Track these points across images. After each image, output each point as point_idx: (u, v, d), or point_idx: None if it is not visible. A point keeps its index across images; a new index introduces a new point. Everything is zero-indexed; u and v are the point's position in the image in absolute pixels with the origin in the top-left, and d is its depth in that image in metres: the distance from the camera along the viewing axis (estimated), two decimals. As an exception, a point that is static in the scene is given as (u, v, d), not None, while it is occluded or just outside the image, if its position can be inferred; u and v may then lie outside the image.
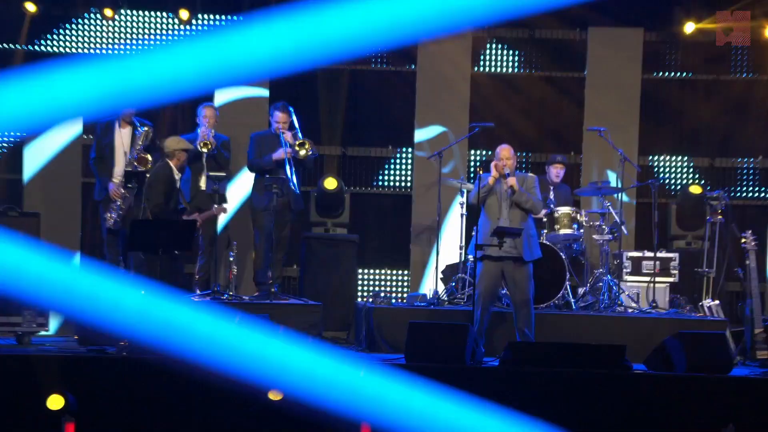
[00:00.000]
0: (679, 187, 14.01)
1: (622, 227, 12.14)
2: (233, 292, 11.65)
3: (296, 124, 11.71)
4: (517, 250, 10.28)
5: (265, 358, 8.17)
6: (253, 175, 12.00)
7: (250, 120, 12.89)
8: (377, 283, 14.03)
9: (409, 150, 13.92)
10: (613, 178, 13.01)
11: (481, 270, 10.28)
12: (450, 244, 13.08)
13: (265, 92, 13.22)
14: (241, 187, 12.85)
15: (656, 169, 14.07)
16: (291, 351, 8.32)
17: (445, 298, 11.86)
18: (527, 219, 10.44)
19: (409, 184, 14.01)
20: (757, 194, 14.08)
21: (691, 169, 14.17)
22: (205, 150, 11.56)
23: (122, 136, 11.60)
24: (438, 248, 12.52)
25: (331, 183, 12.88)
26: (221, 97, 12.94)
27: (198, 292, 11.57)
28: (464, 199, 12.36)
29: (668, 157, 14.16)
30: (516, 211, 10.37)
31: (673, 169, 14.16)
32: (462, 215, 12.38)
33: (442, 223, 12.74)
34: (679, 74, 14.13)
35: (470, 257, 11.27)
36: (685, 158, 14.17)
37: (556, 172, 12.54)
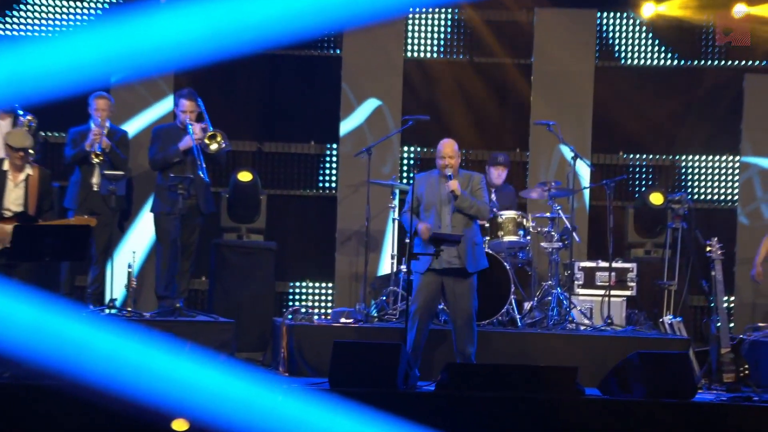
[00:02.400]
0: (637, 188, 14.14)
1: (574, 234, 12.19)
2: (132, 308, 11.56)
3: (205, 115, 11.66)
4: (461, 261, 10.24)
5: (171, 379, 8.13)
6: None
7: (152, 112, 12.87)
8: (298, 297, 14.00)
9: (334, 146, 13.91)
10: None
11: (419, 282, 10.27)
12: (381, 253, 13.09)
13: (169, 81, 13.15)
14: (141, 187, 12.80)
15: (612, 167, 14.18)
16: (200, 372, 8.28)
17: (375, 314, 11.84)
18: (472, 225, 10.42)
19: (333, 185, 14.00)
20: (723, 197, 14.27)
21: (651, 169, 14.31)
22: (97, 161, 11.47)
23: (1, 129, 11.55)
24: (367, 258, 12.51)
25: (245, 175, 12.85)
26: (119, 86, 12.88)
27: (91, 307, 11.45)
28: (396, 202, 12.36)
29: (625, 155, 14.29)
30: (459, 216, 10.34)
31: (631, 169, 14.29)
32: (394, 220, 12.38)
33: (372, 230, 12.71)
34: (637, 62, 14.28)
35: (403, 268, 11.27)
36: (644, 156, 14.31)
37: (497, 173, 12.52)
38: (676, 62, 14.23)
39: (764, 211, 13.66)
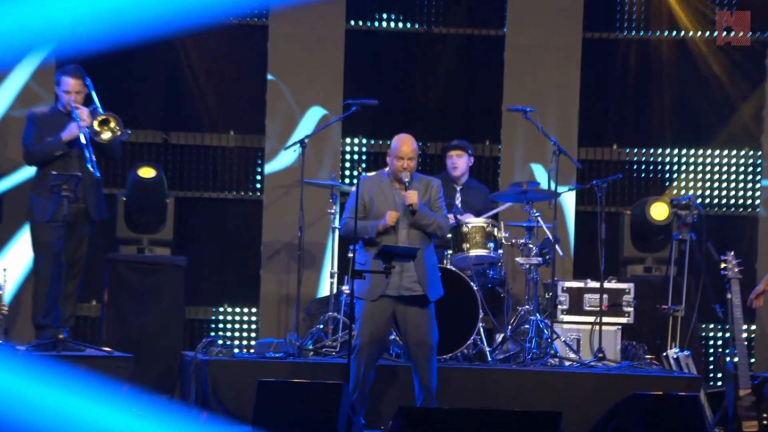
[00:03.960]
0: (635, 190, 14.18)
1: (557, 247, 12.19)
2: (3, 339, 11.48)
3: (95, 96, 11.57)
4: (421, 287, 10.21)
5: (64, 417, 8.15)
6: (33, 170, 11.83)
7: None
8: (213, 325, 13.98)
9: (260, 137, 13.84)
10: (543, 177, 13.07)
11: (364, 311, 10.23)
12: (318, 271, 13.03)
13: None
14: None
15: (603, 164, 14.20)
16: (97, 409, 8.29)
17: (310, 347, 11.81)
18: (430, 243, 10.41)
19: (258, 186, 13.94)
20: (741, 200, 14.31)
21: (652, 167, 14.32)
22: None
23: None
24: (300, 276, 12.45)
25: (147, 172, 12.84)
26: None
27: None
28: (337, 207, 12.32)
29: (620, 149, 14.31)
30: (417, 231, 10.27)
31: (627, 166, 14.30)
32: (334, 229, 12.33)
33: (306, 241, 12.66)
34: (635, 33, 14.28)
35: (345, 290, 11.29)
36: (643, 150, 14.33)
37: (451, 162, 12.54)
38: (682, 33, 14.23)
39: None
